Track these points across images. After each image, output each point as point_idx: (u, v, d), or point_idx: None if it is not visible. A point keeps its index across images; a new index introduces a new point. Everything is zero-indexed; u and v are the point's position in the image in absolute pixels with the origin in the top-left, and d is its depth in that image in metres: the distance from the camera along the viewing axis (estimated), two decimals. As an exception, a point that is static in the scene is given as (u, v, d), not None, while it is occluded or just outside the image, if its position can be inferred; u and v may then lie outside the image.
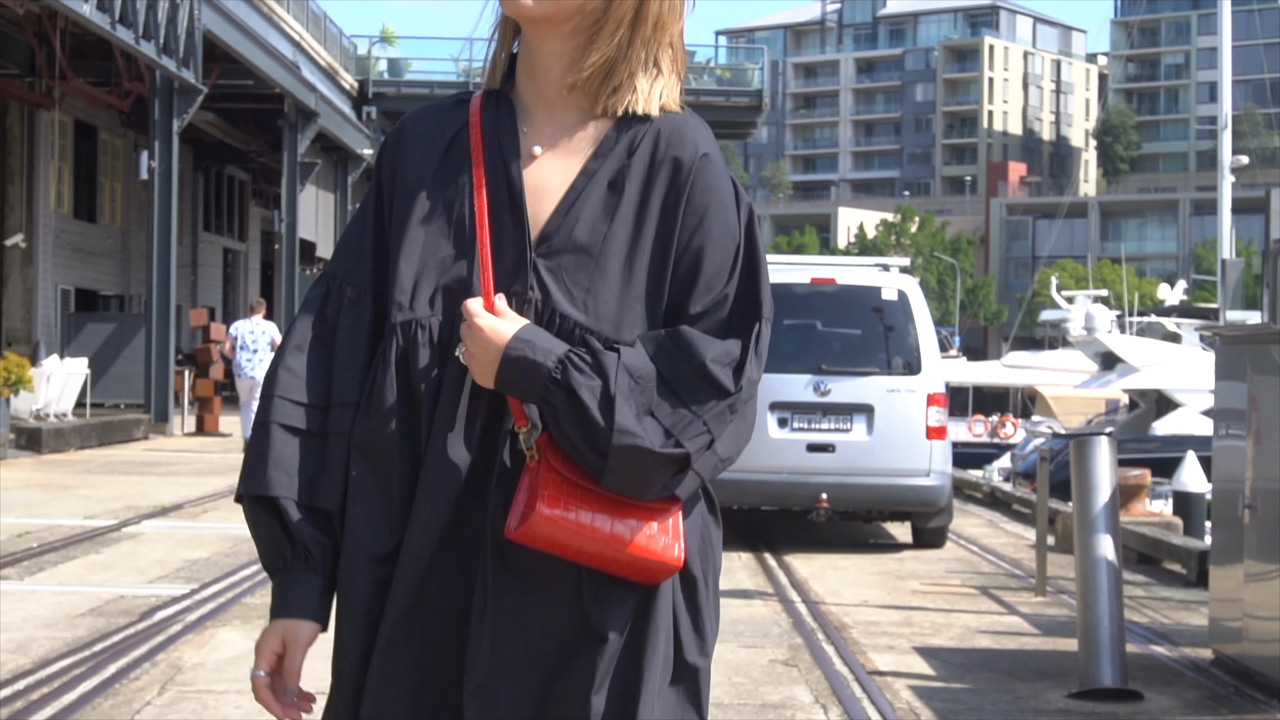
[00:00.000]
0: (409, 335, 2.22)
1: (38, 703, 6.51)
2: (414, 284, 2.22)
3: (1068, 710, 6.85)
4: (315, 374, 2.28)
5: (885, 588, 10.53)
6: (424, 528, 2.19)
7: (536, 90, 2.26)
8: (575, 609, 2.18)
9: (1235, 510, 7.62)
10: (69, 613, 8.75)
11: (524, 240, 2.21)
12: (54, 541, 11.84)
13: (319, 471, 2.26)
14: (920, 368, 12.51)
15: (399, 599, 2.19)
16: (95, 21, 22.95)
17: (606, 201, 2.21)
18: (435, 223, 2.24)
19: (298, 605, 2.27)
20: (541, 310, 2.19)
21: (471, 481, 2.19)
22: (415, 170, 2.27)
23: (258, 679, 2.30)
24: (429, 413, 2.21)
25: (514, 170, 2.23)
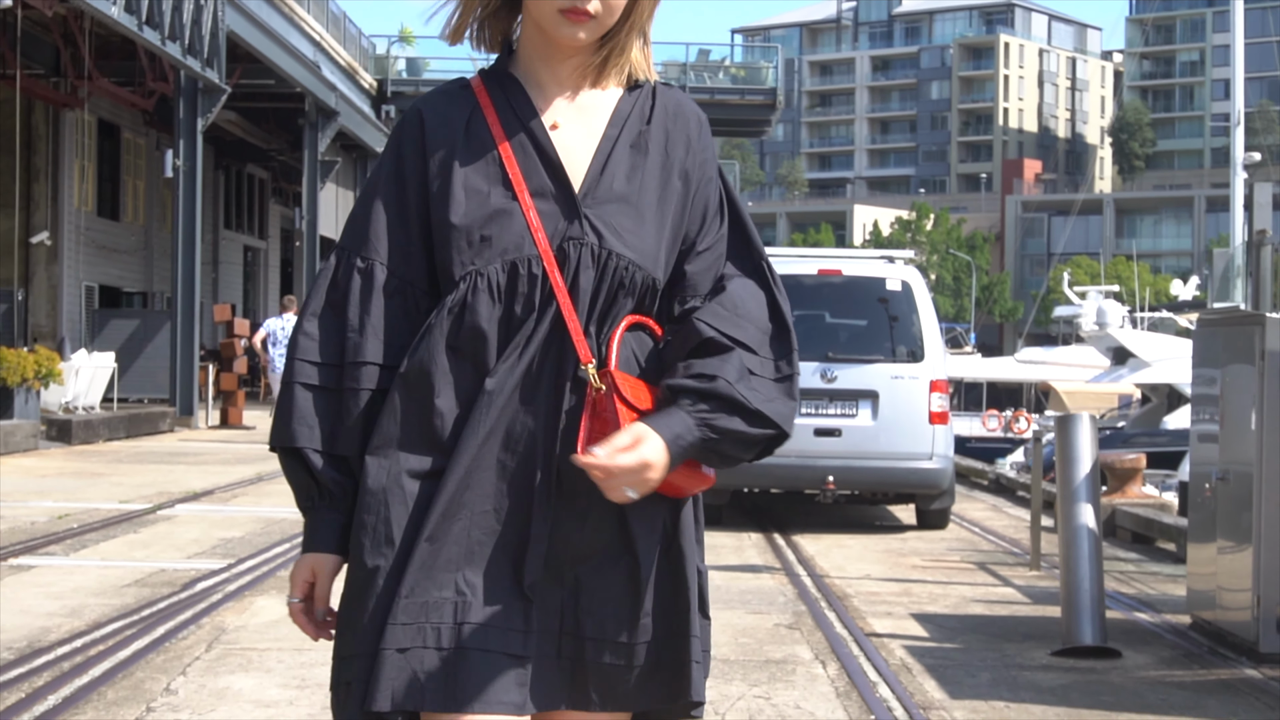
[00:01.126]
0: (470, 284, 2.49)
1: (95, 658, 7.04)
2: (467, 241, 2.49)
3: (1050, 666, 7.37)
4: (329, 336, 2.55)
5: (887, 563, 11.05)
6: (470, 447, 2.45)
7: (551, 72, 2.56)
8: (616, 523, 2.48)
9: (1211, 501, 8.13)
10: (115, 583, 9.29)
11: (570, 196, 2.51)
12: (93, 523, 12.39)
13: (337, 422, 2.53)
14: (923, 355, 13.02)
15: (445, 496, 2.44)
16: (123, 23, 23.51)
17: (634, 160, 2.54)
18: (474, 190, 2.50)
19: (323, 540, 2.55)
20: (597, 251, 2.49)
21: (528, 408, 2.47)
22: (442, 148, 2.54)
23: (293, 605, 2.58)
24: (493, 347, 2.48)
25: (544, 140, 2.53)
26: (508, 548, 2.47)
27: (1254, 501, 7.59)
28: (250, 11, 30.21)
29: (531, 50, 2.57)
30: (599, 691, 2.51)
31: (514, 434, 2.48)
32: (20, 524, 12.16)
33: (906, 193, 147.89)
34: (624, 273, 2.50)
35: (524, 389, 2.48)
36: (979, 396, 49.56)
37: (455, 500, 2.45)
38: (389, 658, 2.40)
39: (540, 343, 2.48)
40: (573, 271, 2.49)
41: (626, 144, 2.55)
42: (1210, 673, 7.35)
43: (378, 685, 2.39)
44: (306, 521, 2.56)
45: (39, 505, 13.59)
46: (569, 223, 2.49)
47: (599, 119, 2.56)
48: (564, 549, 2.48)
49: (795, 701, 6.42)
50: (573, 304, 2.48)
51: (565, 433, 2.47)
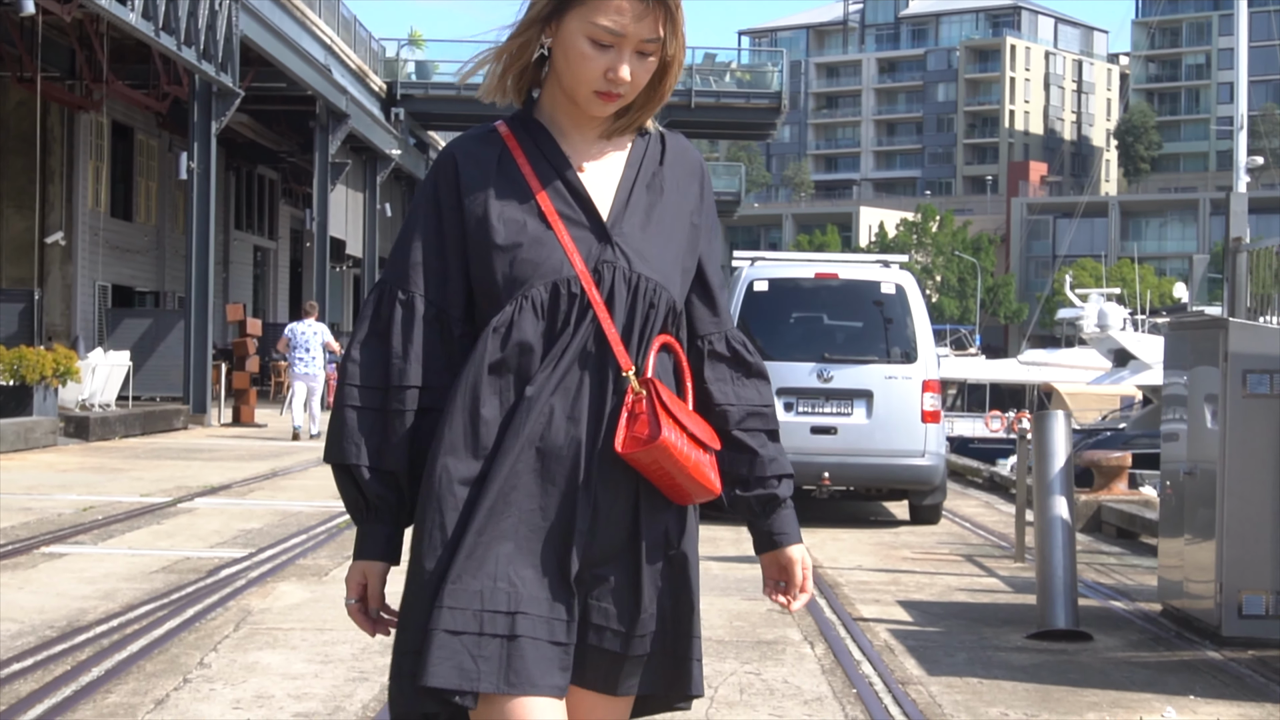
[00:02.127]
0: (517, 305, 2.76)
1: (131, 636, 7.54)
2: (511, 265, 2.77)
3: (1024, 648, 7.86)
4: (374, 363, 2.81)
5: (879, 555, 11.54)
6: (512, 449, 2.72)
7: (574, 123, 2.87)
8: (629, 522, 2.77)
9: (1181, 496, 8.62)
10: (144, 570, 9.80)
11: (600, 225, 2.81)
12: (117, 514, 12.90)
13: (383, 441, 2.79)
14: (916, 356, 13.51)
15: (491, 495, 2.71)
16: (140, 29, 24.02)
17: (650, 198, 2.85)
18: (511, 220, 2.79)
19: (372, 549, 2.81)
20: (628, 274, 2.78)
21: (567, 413, 2.74)
22: (477, 184, 2.82)
23: (351, 606, 2.84)
24: (537, 359, 2.76)
25: (572, 178, 2.83)
26: (552, 542, 2.73)
27: (1217, 497, 8.08)
28: (263, 16, 30.70)
29: (555, 105, 2.88)
30: (595, 674, 2.77)
31: (554, 437, 2.74)
32: (48, 515, 12.67)
33: (912, 194, 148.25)
34: (652, 293, 2.80)
35: (563, 395, 2.75)
36: (982, 398, 49.97)
37: (502, 498, 2.71)
38: (438, 638, 2.64)
39: (578, 353, 2.76)
40: (608, 290, 2.78)
41: (643, 184, 2.86)
42: (1174, 654, 7.84)
43: (428, 663, 2.63)
44: (358, 531, 2.83)
45: (64, 498, 14.11)
46: (601, 248, 2.80)
47: (617, 162, 2.88)
48: (590, 550, 2.75)
49: (783, 677, 6.92)
50: (609, 317, 2.77)
51: (605, 435, 2.75)
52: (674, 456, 2.73)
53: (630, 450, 2.72)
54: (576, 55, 2.78)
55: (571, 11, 2.76)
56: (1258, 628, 7.98)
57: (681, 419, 2.77)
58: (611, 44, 2.76)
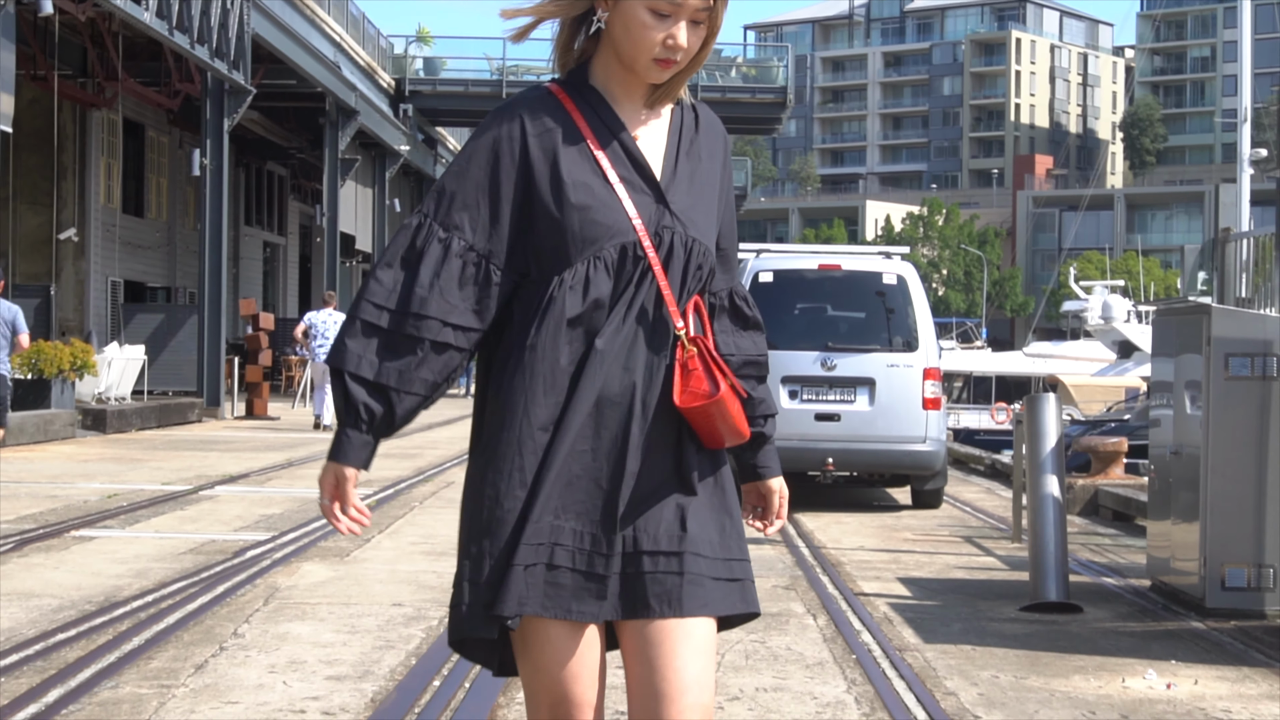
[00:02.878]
0: (589, 264, 2.97)
1: (167, 610, 7.93)
2: (579, 225, 2.97)
3: (1016, 619, 8.24)
4: (395, 286, 2.97)
5: (880, 537, 11.92)
6: (587, 398, 2.95)
7: (625, 90, 3.06)
8: (671, 467, 3.01)
9: (1168, 477, 9.00)
10: (172, 551, 10.18)
11: (659, 191, 3.03)
12: (141, 501, 13.29)
13: (387, 358, 2.95)
14: (918, 345, 13.88)
15: (565, 442, 2.95)
16: (155, 28, 24.42)
17: (691, 165, 3.07)
18: (579, 183, 2.98)
19: (349, 454, 2.99)
20: (684, 238, 3.01)
21: (627, 365, 2.97)
22: (543, 145, 2.99)
23: (324, 505, 3.02)
24: (605, 314, 2.97)
25: (630, 145, 3.04)
26: (601, 483, 2.95)
27: (1201, 475, 8.45)
28: (274, 14, 31.08)
29: (608, 72, 3.06)
30: (658, 599, 2.93)
31: (615, 387, 2.96)
32: (74, 502, 13.06)
33: (918, 188, 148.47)
34: (701, 255, 3.05)
35: (625, 349, 2.97)
36: (988, 390, 50.26)
37: (573, 449, 2.94)
38: (516, 573, 2.89)
39: (638, 312, 2.98)
40: (666, 252, 3.00)
41: (685, 152, 3.08)
42: (1160, 624, 8.21)
43: (507, 594, 2.89)
44: (338, 435, 2.98)
45: (88, 486, 14.50)
46: (659, 213, 3.02)
47: (661, 130, 3.09)
48: (636, 489, 2.97)
49: (787, 645, 7.29)
50: (666, 279, 3.00)
51: (653, 385, 2.99)
52: (728, 409, 2.98)
53: (690, 404, 2.96)
54: (638, 25, 2.96)
55: None
56: (1240, 599, 8.35)
57: (730, 374, 3.03)
58: (670, 13, 2.95)
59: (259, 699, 5.98)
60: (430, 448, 21.08)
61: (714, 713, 3.03)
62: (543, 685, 2.96)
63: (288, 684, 6.26)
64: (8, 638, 7.10)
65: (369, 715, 5.76)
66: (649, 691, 2.94)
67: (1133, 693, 6.46)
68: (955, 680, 6.62)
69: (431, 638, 7.30)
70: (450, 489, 15.00)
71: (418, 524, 12.00)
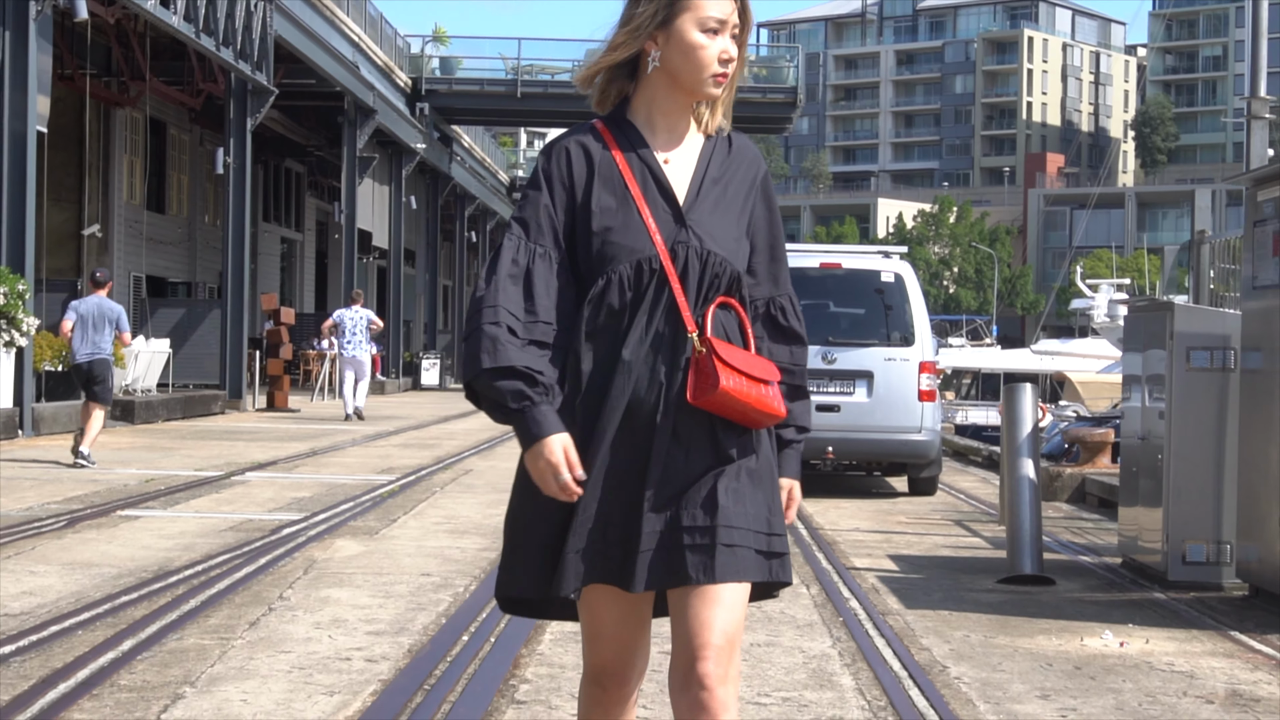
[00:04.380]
0: (607, 279, 3.34)
1: (216, 577, 8.68)
2: (604, 243, 3.36)
3: (994, 590, 8.98)
4: (512, 297, 3.32)
5: (875, 520, 12.66)
6: (619, 402, 3.32)
7: (666, 120, 3.44)
8: (711, 453, 3.33)
9: (1136, 462, 9.74)
10: (213, 528, 10.95)
11: (678, 211, 3.39)
12: (178, 485, 14.05)
13: (528, 351, 3.30)
14: (914, 340, 14.62)
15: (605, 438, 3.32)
16: (182, 31, 25.21)
17: (717, 188, 3.42)
18: (606, 207, 3.38)
19: (554, 424, 3.28)
20: (700, 251, 3.36)
21: (650, 367, 3.32)
22: (582, 174, 3.40)
23: (563, 481, 3.27)
24: (624, 322, 3.34)
25: (658, 171, 3.42)
26: (638, 472, 3.30)
27: (1164, 459, 9.19)
28: (294, 15, 31.82)
29: (651, 105, 3.46)
30: (695, 568, 3.25)
31: (642, 389, 3.33)
32: (115, 485, 13.83)
33: (930, 186, 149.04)
34: (718, 266, 3.37)
35: (647, 354, 3.33)
36: (996, 387, 50.77)
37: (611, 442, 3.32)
38: (570, 558, 3.29)
39: (658, 319, 3.33)
40: (682, 265, 3.35)
41: (713, 177, 3.44)
42: (1125, 595, 8.95)
43: (565, 576, 3.29)
44: (527, 416, 3.26)
45: (125, 472, 15.27)
46: (677, 230, 3.38)
47: (692, 157, 3.46)
48: (675, 473, 3.31)
49: (781, 609, 8.02)
50: (682, 289, 3.34)
51: (680, 385, 3.32)
52: (735, 398, 3.29)
53: (698, 399, 3.31)
54: (694, 47, 3.35)
55: (683, 14, 3.35)
56: (1200, 573, 9.09)
57: (738, 365, 3.31)
58: (719, 30, 3.35)
59: (309, 649, 6.74)
60: (448, 439, 21.85)
61: (740, 665, 3.48)
62: (597, 646, 3.42)
63: (332, 637, 7.02)
64: (77, 599, 7.86)
65: (407, 662, 6.50)
66: (687, 647, 3.28)
67: (1088, 649, 7.20)
68: (930, 639, 7.36)
69: (458, 602, 8.04)
70: (468, 476, 15.76)
71: (440, 506, 12.75)
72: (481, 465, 17.12)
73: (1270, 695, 6.31)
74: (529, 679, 6.24)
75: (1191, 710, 6.01)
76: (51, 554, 9.48)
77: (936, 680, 6.41)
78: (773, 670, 6.53)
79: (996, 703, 6.03)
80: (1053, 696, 6.17)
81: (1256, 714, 5.98)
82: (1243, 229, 9.21)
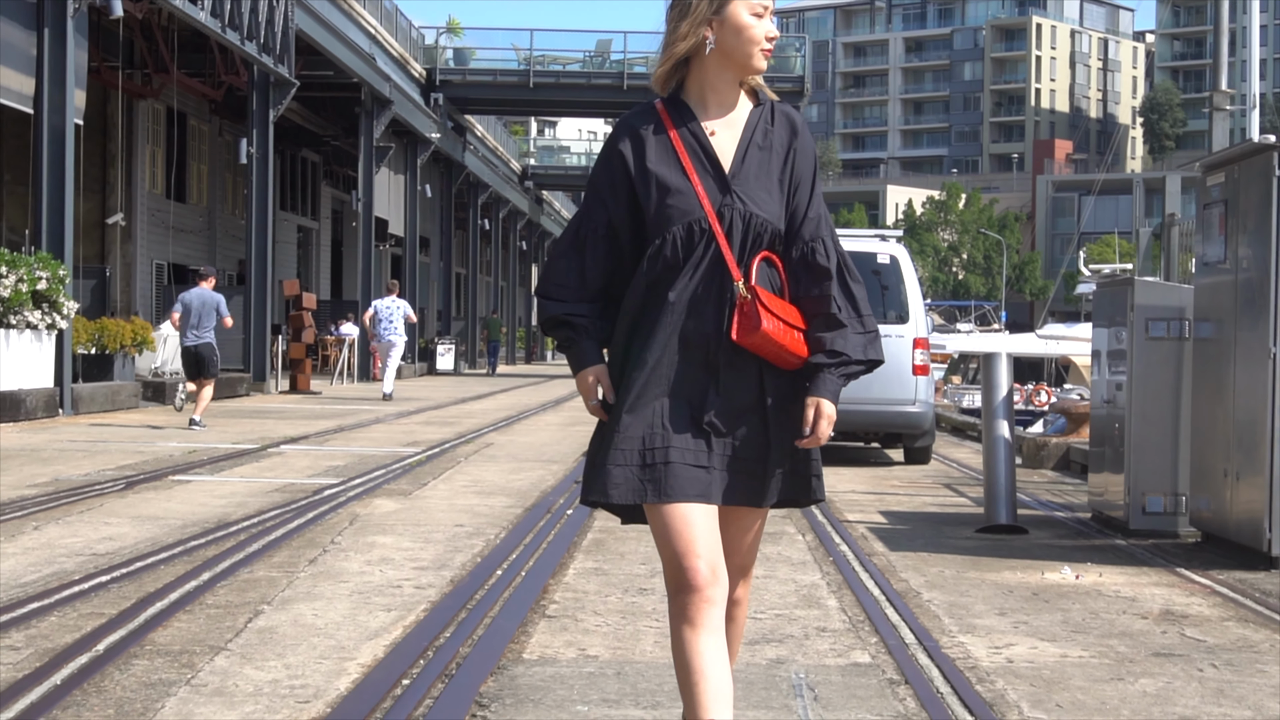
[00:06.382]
0: (664, 239, 3.80)
1: (270, 528, 9.66)
2: (662, 208, 3.82)
3: (971, 538, 9.94)
4: (570, 269, 3.91)
5: (871, 484, 13.64)
6: (664, 340, 3.78)
7: (716, 96, 3.89)
8: (756, 389, 3.80)
9: (1104, 426, 10.70)
10: (261, 490, 11.94)
11: (724, 179, 3.84)
12: (220, 456, 15.04)
13: (580, 305, 3.90)
14: (909, 318, 15.59)
15: (645, 371, 3.79)
16: (209, 26, 26.18)
17: (762, 155, 3.86)
18: (663, 177, 3.83)
19: (592, 359, 3.88)
20: (744, 213, 3.80)
21: (697, 313, 3.78)
22: (642, 149, 3.87)
23: (593, 406, 3.88)
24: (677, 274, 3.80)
25: (705, 143, 3.87)
26: (689, 404, 3.79)
27: (1126, 419, 10.15)
28: (313, 8, 32.77)
29: (703, 86, 3.91)
30: (745, 494, 3.78)
31: (688, 331, 3.79)
32: (161, 456, 14.82)
33: (939, 173, 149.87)
34: (759, 226, 3.83)
35: (694, 301, 3.79)
36: (1001, 370, 51.39)
37: (654, 373, 3.79)
38: (610, 471, 3.77)
39: (705, 270, 3.80)
40: (728, 225, 3.81)
41: (756, 145, 3.88)
42: (1090, 542, 9.92)
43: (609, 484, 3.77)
44: (575, 351, 3.88)
45: (166, 445, 16.26)
46: (723, 195, 3.84)
47: (738, 127, 3.90)
48: (724, 407, 3.80)
49: (778, 552, 8.99)
50: (728, 245, 3.80)
51: (726, 327, 3.79)
52: (773, 339, 3.75)
53: (740, 339, 3.77)
54: (744, 28, 3.83)
55: (735, 1, 3.83)
56: (1158, 522, 10.06)
57: (776, 311, 3.77)
58: (763, 13, 3.86)
59: (364, 579, 7.72)
60: (467, 417, 22.83)
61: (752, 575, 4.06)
62: (665, 548, 3.77)
63: (383, 571, 8.00)
64: (153, 543, 8.85)
65: (450, 589, 7.48)
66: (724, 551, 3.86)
67: (1047, 581, 8.17)
68: (909, 574, 8.33)
69: (490, 547, 9.01)
70: (490, 449, 16.74)
71: (466, 473, 13.72)
72: (501, 440, 18.07)
73: (1199, 614, 7.28)
74: (557, 600, 7.21)
75: (1126, 623, 6.98)
76: (119, 509, 10.47)
77: (910, 603, 7.38)
78: (768, 595, 7.51)
79: (959, 618, 7.00)
80: (1009, 614, 7.14)
81: (1183, 626, 6.94)
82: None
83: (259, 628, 6.43)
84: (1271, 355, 8.61)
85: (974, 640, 6.48)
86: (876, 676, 5.76)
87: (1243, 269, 9.03)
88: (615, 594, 7.40)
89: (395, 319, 28.96)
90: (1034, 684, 5.68)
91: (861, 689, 5.55)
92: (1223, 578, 8.38)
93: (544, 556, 8.60)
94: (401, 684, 5.44)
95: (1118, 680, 5.78)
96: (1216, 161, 9.60)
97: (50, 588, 7.28)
